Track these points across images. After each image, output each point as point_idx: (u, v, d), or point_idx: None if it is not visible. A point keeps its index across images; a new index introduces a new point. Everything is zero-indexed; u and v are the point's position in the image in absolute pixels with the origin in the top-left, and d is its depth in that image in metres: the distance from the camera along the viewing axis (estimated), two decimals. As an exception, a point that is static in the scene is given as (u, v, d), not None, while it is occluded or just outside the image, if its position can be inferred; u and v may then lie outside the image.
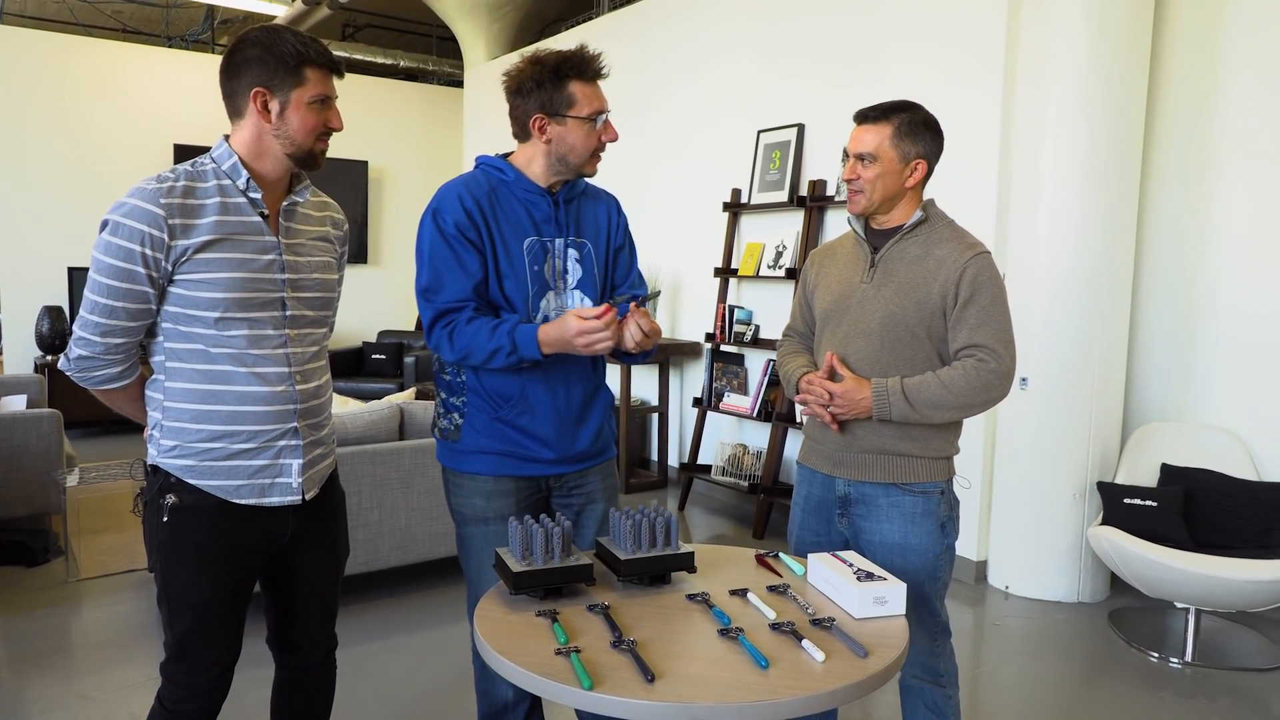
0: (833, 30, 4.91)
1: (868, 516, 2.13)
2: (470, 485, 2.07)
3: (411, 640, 3.47)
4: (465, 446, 2.07)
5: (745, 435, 5.53)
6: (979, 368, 2.00)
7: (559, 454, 2.06)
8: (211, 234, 1.71)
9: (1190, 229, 3.95)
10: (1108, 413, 3.92)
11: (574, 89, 1.98)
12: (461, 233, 1.97)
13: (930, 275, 2.06)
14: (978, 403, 2.02)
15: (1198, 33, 3.90)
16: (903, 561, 2.08)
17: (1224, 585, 3.19)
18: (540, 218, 2.05)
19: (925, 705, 2.18)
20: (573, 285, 2.07)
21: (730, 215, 5.54)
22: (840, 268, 2.22)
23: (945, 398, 2.00)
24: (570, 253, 2.08)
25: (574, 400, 2.07)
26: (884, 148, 2.07)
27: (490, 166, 2.08)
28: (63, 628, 3.58)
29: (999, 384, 2.02)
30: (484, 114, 8.51)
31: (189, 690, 1.83)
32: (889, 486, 2.10)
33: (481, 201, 2.00)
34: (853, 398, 2.04)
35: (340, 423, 3.69)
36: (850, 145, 2.12)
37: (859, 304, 2.12)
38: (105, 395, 1.83)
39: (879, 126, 2.08)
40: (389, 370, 8.00)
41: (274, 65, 1.72)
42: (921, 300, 2.05)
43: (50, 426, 4.34)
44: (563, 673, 1.42)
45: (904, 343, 2.07)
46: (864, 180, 2.09)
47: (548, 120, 2.00)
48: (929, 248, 2.10)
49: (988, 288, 2.04)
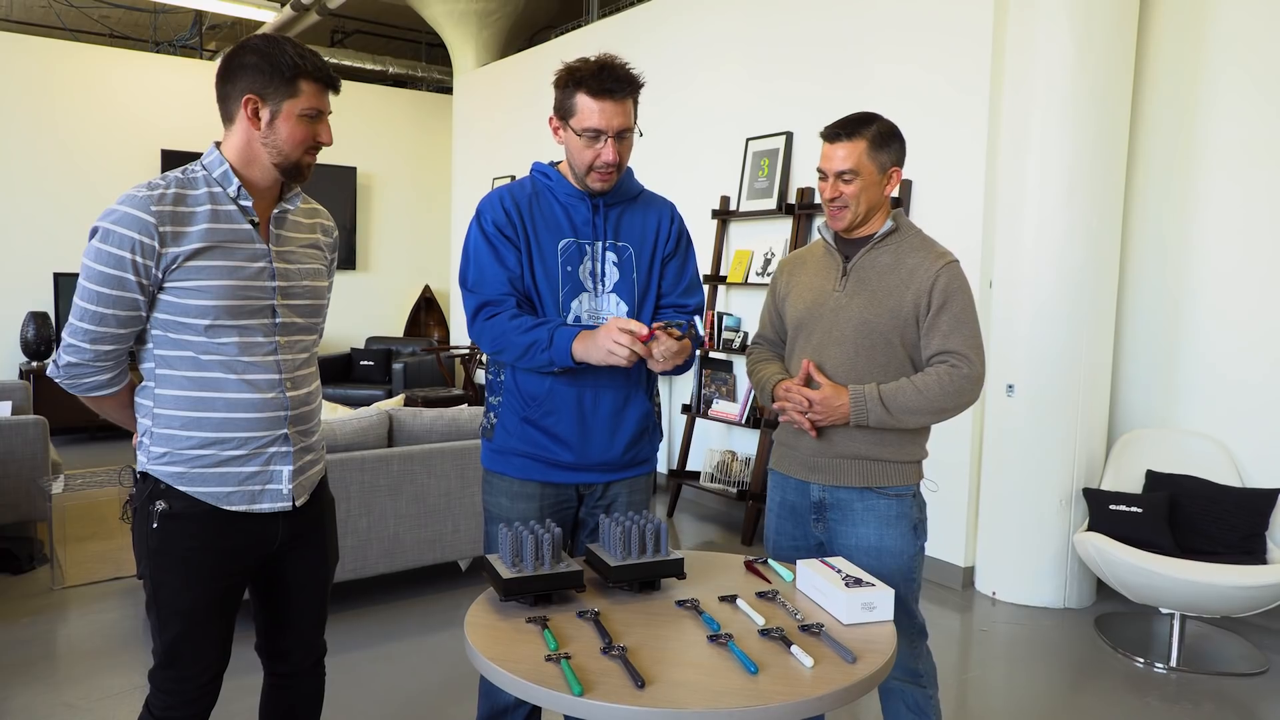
0: (820, 37, 4.95)
1: (843, 521, 2.16)
2: (499, 485, 2.14)
3: (400, 647, 3.47)
4: (497, 445, 2.14)
5: (734, 442, 5.55)
6: (952, 373, 2.07)
7: (579, 458, 2.08)
8: (202, 241, 1.71)
9: (1174, 236, 3.98)
10: (1093, 419, 3.95)
11: (579, 100, 2.01)
12: (500, 230, 2.06)
13: (903, 284, 2.12)
14: (951, 407, 2.08)
15: (1181, 39, 3.94)
16: (879, 564, 2.12)
17: (1209, 591, 3.22)
18: (580, 221, 2.09)
19: (906, 706, 2.22)
20: (609, 289, 2.10)
21: (719, 222, 5.56)
22: (811, 276, 2.26)
23: (920, 402, 2.05)
24: (609, 256, 2.10)
25: (601, 406, 2.08)
26: (863, 162, 2.11)
27: (538, 173, 2.16)
28: (48, 636, 3.55)
29: (971, 388, 2.08)
30: (473, 120, 8.52)
31: (177, 698, 1.83)
32: (864, 490, 2.15)
33: (521, 204, 2.09)
34: (831, 404, 2.08)
35: (329, 429, 3.68)
36: (826, 164, 2.15)
37: (832, 312, 2.17)
38: (94, 402, 1.83)
39: (853, 142, 2.12)
40: (377, 376, 7.98)
41: (269, 74, 1.72)
42: (895, 308, 2.11)
43: (36, 433, 4.31)
44: (553, 679, 1.43)
45: (878, 349, 2.12)
46: (848, 196, 2.13)
47: (560, 123, 2.06)
48: (900, 257, 2.15)
49: (959, 296, 2.10)
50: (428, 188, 9.54)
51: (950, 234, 4.27)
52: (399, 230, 9.42)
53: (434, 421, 4.03)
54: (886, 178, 2.14)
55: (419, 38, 9.99)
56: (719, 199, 5.56)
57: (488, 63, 8.46)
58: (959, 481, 4.25)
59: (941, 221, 4.31)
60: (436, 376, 7.99)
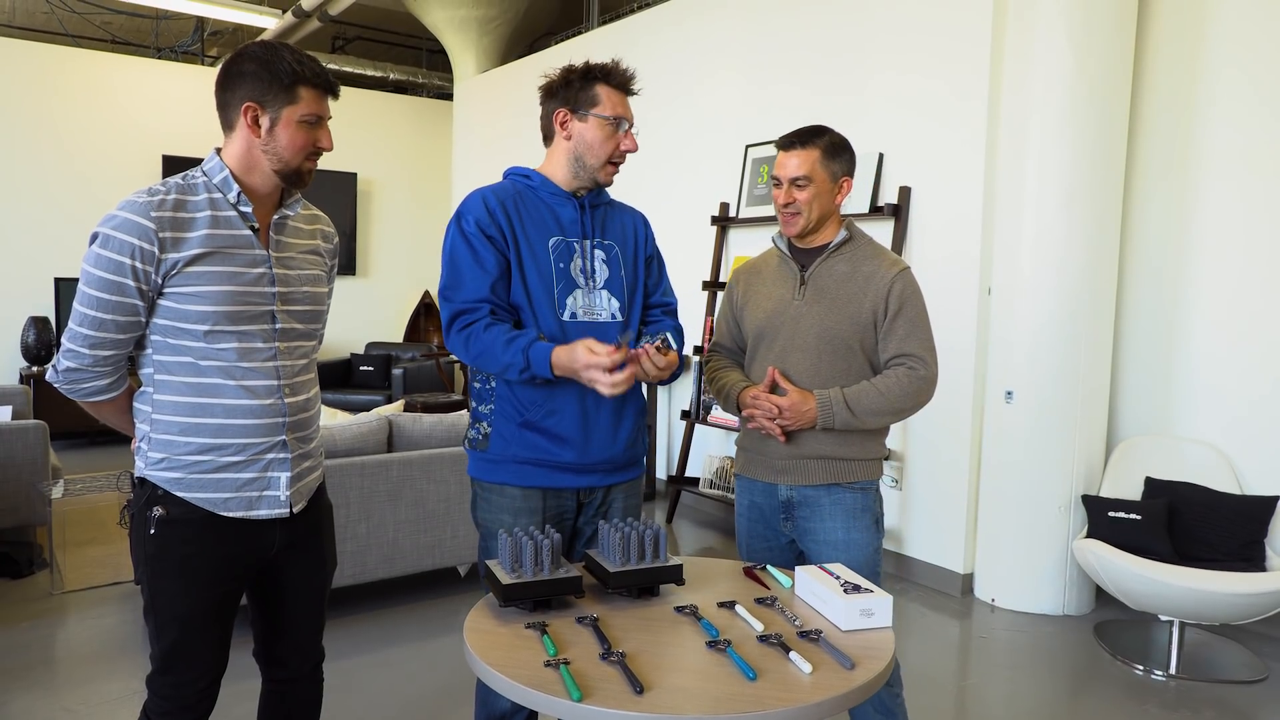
0: (820, 44, 4.96)
1: (811, 517, 2.24)
2: (499, 501, 2.08)
3: (399, 653, 3.46)
4: (494, 455, 2.08)
5: (733, 448, 5.54)
6: (910, 375, 2.17)
7: (583, 457, 2.06)
8: (202, 247, 1.72)
9: (1173, 242, 3.99)
10: (1092, 426, 3.95)
11: (600, 90, 2.05)
12: (481, 230, 2.01)
13: (860, 291, 2.21)
14: (909, 406, 2.19)
15: (1180, 43, 3.94)
16: (845, 558, 2.19)
17: (1208, 598, 3.22)
18: (566, 220, 2.09)
19: (873, 707, 2.24)
20: (600, 285, 2.10)
21: (719, 229, 5.57)
22: (769, 285, 2.32)
23: (882, 404, 2.16)
24: (597, 253, 2.11)
25: (604, 401, 2.06)
26: (816, 169, 2.21)
27: (517, 175, 2.14)
28: (47, 641, 3.55)
29: (927, 389, 2.20)
30: (474, 127, 8.53)
31: (175, 703, 1.83)
32: (831, 486, 2.23)
33: (506, 203, 2.05)
34: (799, 410, 2.15)
35: (328, 435, 3.69)
36: (780, 171, 2.24)
37: (793, 320, 2.24)
38: (93, 407, 1.83)
39: (807, 151, 2.21)
40: (377, 382, 7.99)
41: (268, 81, 1.73)
42: (854, 315, 2.20)
43: (36, 438, 4.32)
44: (552, 684, 1.43)
45: (839, 355, 2.20)
46: (801, 203, 2.21)
47: (570, 115, 2.06)
48: (855, 265, 2.24)
49: (913, 301, 2.21)
50: (428, 194, 9.55)
51: (949, 240, 4.28)
52: (399, 236, 9.43)
53: (433, 427, 4.04)
54: (838, 187, 2.24)
55: (420, 44, 10.01)
56: (719, 205, 5.57)
57: (488, 69, 8.48)
58: (958, 488, 4.25)
59: (940, 227, 4.32)
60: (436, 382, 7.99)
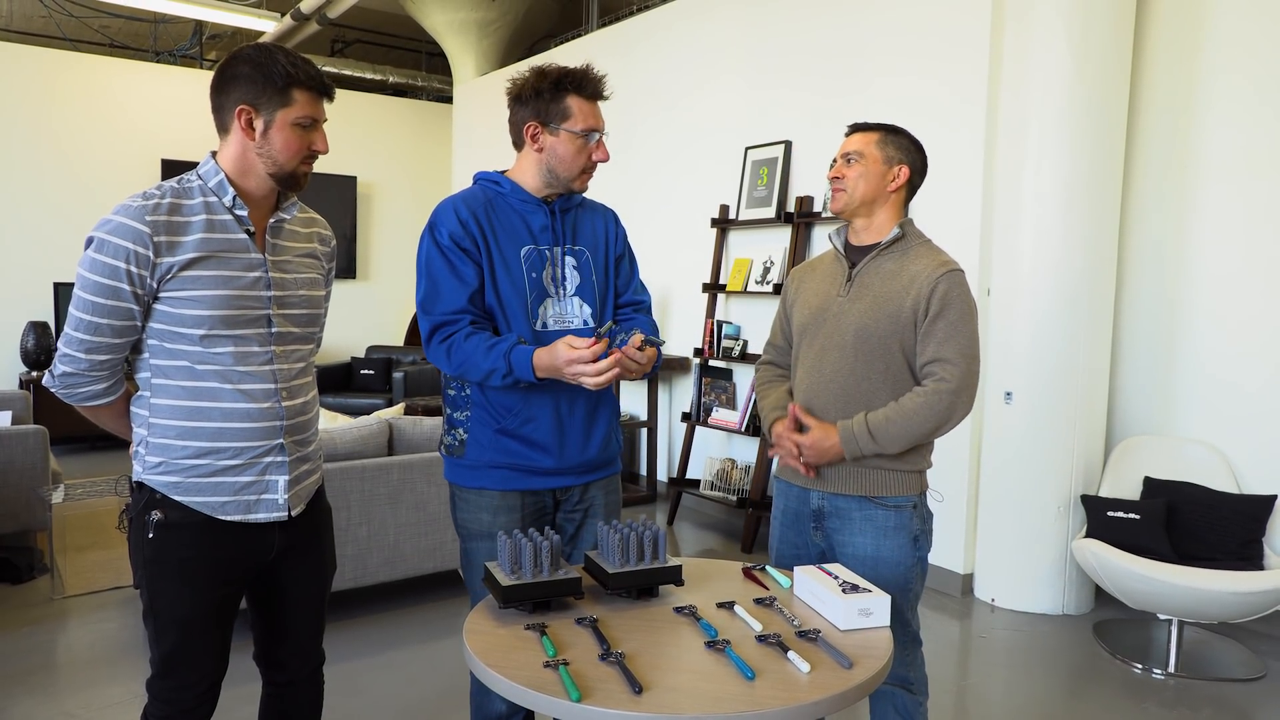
0: (819, 47, 4.97)
1: (841, 530, 2.16)
2: (477, 501, 2.09)
3: (399, 656, 3.46)
4: (471, 461, 2.08)
5: (734, 450, 5.55)
6: (934, 392, 2.03)
7: (560, 462, 2.07)
8: (197, 251, 1.72)
9: (1171, 243, 3.99)
10: (1091, 426, 3.96)
11: (571, 102, 2.03)
12: (456, 243, 2.00)
13: (904, 289, 2.10)
14: (940, 425, 2.05)
15: (1178, 46, 3.95)
16: (875, 573, 2.12)
17: (1206, 597, 3.22)
18: (537, 227, 2.08)
19: (896, 710, 2.22)
20: (571, 293, 2.10)
21: (718, 231, 5.57)
22: (819, 282, 2.27)
23: (907, 429, 2.04)
24: (568, 260, 2.10)
25: (577, 407, 2.08)
26: (870, 148, 2.15)
27: (487, 181, 2.12)
28: (48, 645, 3.55)
29: (959, 403, 2.04)
30: (473, 129, 8.54)
31: (175, 707, 1.83)
32: (862, 500, 2.14)
33: (478, 213, 2.04)
34: (821, 446, 2.09)
35: (329, 438, 3.69)
36: (839, 152, 2.20)
37: (835, 317, 2.17)
38: (90, 412, 1.83)
39: (868, 134, 2.18)
40: (378, 385, 7.98)
41: (262, 84, 1.73)
42: (894, 313, 2.09)
43: (36, 442, 4.32)
44: (551, 685, 1.43)
45: (876, 355, 2.11)
46: (847, 179, 2.15)
47: (541, 129, 2.04)
48: (904, 263, 2.14)
49: (957, 304, 2.06)
50: (428, 197, 9.55)
51: (948, 242, 4.27)
52: (399, 239, 9.43)
53: (434, 430, 4.04)
54: (892, 172, 2.14)
55: (419, 47, 10.02)
56: (718, 208, 5.57)
57: (487, 72, 8.48)
58: (958, 488, 4.25)
59: (939, 230, 4.32)
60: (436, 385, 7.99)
